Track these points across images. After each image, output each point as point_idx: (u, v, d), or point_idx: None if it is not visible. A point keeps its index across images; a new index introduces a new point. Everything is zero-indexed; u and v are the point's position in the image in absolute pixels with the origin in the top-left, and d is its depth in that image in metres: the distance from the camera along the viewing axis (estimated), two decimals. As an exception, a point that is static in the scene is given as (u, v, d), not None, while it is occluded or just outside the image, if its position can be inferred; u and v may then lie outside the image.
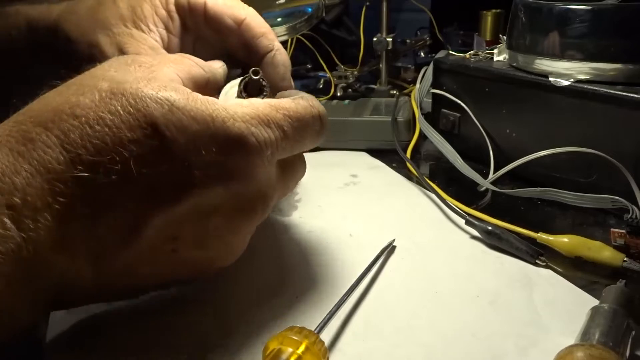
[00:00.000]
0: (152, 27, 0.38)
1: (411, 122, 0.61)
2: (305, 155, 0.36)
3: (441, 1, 0.90)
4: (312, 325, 0.29)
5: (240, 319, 0.33)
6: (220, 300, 0.35)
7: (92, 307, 0.32)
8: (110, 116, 0.25)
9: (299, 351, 0.27)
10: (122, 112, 0.25)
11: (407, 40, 0.79)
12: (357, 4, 0.75)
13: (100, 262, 0.26)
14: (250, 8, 0.39)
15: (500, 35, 0.58)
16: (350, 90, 0.72)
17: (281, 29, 0.53)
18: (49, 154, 0.24)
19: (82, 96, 0.25)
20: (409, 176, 0.55)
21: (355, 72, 0.71)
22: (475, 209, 0.45)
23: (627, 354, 0.28)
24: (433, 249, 0.41)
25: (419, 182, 0.53)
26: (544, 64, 0.47)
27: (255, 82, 0.34)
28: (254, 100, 0.31)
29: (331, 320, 0.31)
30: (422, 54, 0.82)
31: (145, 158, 0.25)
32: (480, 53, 0.57)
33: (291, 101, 0.31)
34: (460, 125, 0.57)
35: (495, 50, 0.55)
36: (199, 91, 0.28)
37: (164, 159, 0.26)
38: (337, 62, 0.72)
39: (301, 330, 0.28)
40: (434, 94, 0.59)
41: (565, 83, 0.45)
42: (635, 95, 0.41)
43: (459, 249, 0.42)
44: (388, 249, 0.40)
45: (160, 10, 0.38)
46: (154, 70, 0.28)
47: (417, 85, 0.63)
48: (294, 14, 0.55)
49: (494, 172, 0.50)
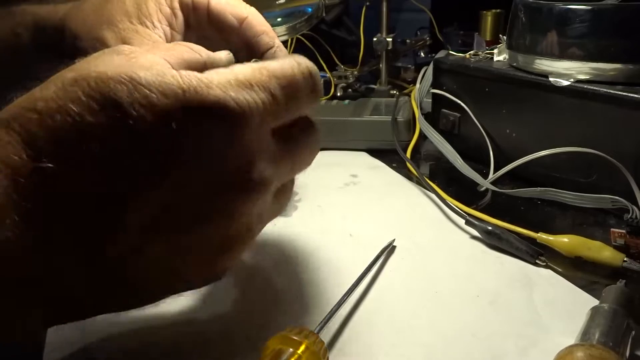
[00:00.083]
0: (156, 23, 0.38)
1: (411, 122, 0.61)
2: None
3: (441, 1, 0.90)
4: (312, 325, 0.30)
5: (240, 319, 0.34)
6: (220, 300, 0.35)
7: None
8: (70, 104, 0.24)
9: (299, 351, 0.27)
10: (84, 98, 0.24)
11: (407, 40, 0.79)
12: (357, 4, 0.75)
13: (89, 259, 0.25)
14: (252, 7, 0.40)
15: (500, 35, 0.58)
16: (350, 90, 0.72)
17: (281, 29, 0.53)
18: (9, 150, 0.23)
19: (45, 89, 0.24)
20: (409, 176, 0.55)
21: (355, 72, 0.71)
22: (475, 209, 0.45)
23: (627, 354, 0.28)
24: (433, 249, 0.41)
25: (419, 182, 0.53)
26: (544, 64, 0.47)
27: None
28: (235, 65, 0.28)
29: (331, 320, 0.31)
30: (422, 54, 0.82)
31: (113, 142, 0.24)
32: (480, 53, 0.57)
33: (276, 61, 0.28)
34: (460, 125, 0.57)
35: (495, 50, 0.55)
36: None
37: (134, 141, 0.24)
38: (337, 62, 0.72)
39: (301, 330, 0.28)
40: (434, 94, 0.59)
41: (565, 83, 0.45)
42: (635, 95, 0.41)
43: (459, 249, 0.42)
44: (388, 249, 0.40)
45: (164, 7, 0.39)
46: (135, 57, 0.26)
47: (417, 85, 0.63)
48: (294, 14, 0.55)
49: (494, 172, 0.50)
